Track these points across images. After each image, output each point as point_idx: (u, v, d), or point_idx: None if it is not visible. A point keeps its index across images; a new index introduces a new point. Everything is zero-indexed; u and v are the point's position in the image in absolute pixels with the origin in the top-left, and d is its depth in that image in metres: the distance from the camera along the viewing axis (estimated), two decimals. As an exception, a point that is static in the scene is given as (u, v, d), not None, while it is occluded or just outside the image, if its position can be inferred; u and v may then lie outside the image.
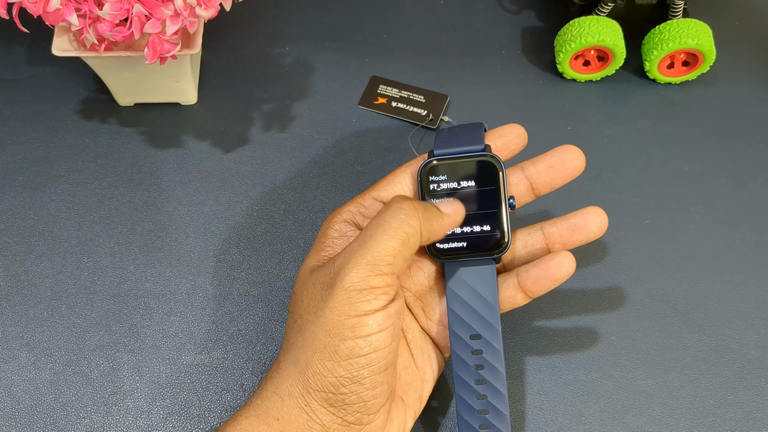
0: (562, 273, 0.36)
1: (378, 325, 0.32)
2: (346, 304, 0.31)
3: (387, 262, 0.32)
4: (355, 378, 0.32)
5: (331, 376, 0.32)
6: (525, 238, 0.38)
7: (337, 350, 0.31)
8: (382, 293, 0.32)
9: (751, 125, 0.50)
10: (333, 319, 0.31)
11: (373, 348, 0.32)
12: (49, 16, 0.40)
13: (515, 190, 0.38)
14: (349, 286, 0.31)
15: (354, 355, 0.31)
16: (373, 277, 0.32)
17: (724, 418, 0.40)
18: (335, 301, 0.32)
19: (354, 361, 0.31)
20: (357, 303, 0.31)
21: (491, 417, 0.36)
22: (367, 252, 0.32)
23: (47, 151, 0.49)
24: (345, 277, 0.32)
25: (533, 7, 0.56)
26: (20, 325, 0.42)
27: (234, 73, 0.52)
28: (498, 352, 0.36)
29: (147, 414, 0.40)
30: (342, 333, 0.31)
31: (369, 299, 0.31)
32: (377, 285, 0.32)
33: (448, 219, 0.35)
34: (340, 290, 0.32)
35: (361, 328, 0.31)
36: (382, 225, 0.33)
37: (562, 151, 0.37)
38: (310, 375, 0.32)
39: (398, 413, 0.35)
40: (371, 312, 0.31)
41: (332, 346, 0.31)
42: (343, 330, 0.31)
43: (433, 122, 0.50)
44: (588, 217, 0.37)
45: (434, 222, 0.34)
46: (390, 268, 0.32)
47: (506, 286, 0.37)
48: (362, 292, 0.31)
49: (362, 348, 0.31)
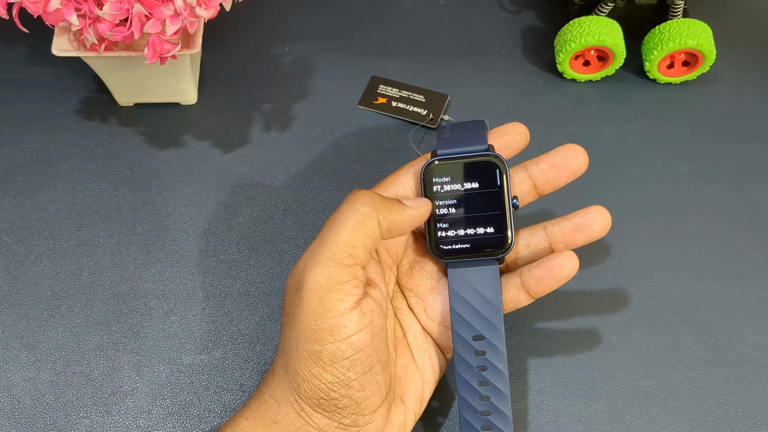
0: (566, 272, 0.36)
1: (356, 325, 0.31)
2: (318, 306, 0.31)
3: (348, 253, 0.31)
4: (343, 381, 0.31)
5: (319, 382, 0.31)
6: (528, 238, 0.38)
7: (321, 356, 0.31)
8: (351, 287, 0.31)
9: (751, 125, 0.50)
10: (310, 325, 0.31)
11: (355, 349, 0.31)
12: (49, 16, 0.40)
13: (518, 190, 0.38)
14: (316, 286, 0.31)
15: (337, 359, 0.31)
16: (337, 272, 0.31)
17: (724, 418, 0.40)
18: (306, 305, 0.31)
19: (339, 365, 0.31)
20: (328, 303, 0.31)
21: (494, 418, 0.36)
22: (326, 248, 0.32)
23: (47, 151, 0.49)
24: (309, 278, 0.31)
25: (533, 7, 0.56)
26: (20, 325, 0.42)
27: (234, 73, 0.52)
28: (501, 353, 0.36)
29: (147, 414, 0.40)
30: (322, 338, 0.31)
31: (340, 297, 0.31)
32: (343, 279, 0.31)
33: (410, 210, 0.34)
34: (308, 292, 0.31)
35: (340, 331, 0.31)
36: (338, 218, 0.32)
37: (565, 150, 0.37)
38: (300, 382, 0.32)
39: (398, 414, 0.35)
40: (346, 311, 0.31)
41: (315, 352, 0.31)
42: (322, 335, 0.31)
43: (434, 122, 0.50)
44: (591, 217, 0.37)
45: (394, 213, 0.34)
46: (352, 259, 0.32)
47: (509, 286, 0.37)
48: (330, 290, 0.31)
49: (344, 351, 0.31)
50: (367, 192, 0.34)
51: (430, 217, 0.37)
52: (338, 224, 0.32)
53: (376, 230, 0.33)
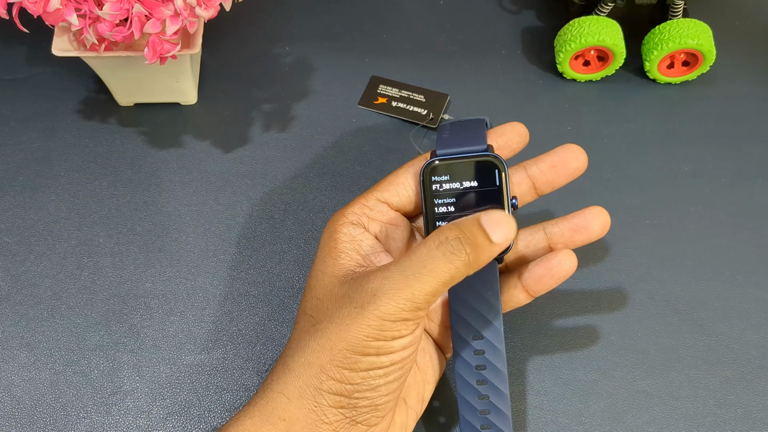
0: (564, 271, 0.36)
1: (402, 346, 0.32)
2: (377, 330, 0.31)
3: (426, 300, 0.31)
4: (371, 386, 0.32)
5: (347, 383, 0.32)
6: (527, 238, 0.38)
7: (357, 363, 0.31)
8: (413, 325, 0.32)
9: (751, 125, 0.50)
10: (359, 338, 0.31)
11: (393, 361, 0.32)
12: (49, 16, 0.40)
13: (517, 190, 0.38)
14: (384, 315, 0.31)
15: (374, 367, 0.32)
16: (409, 312, 0.31)
17: (724, 418, 0.40)
18: (365, 323, 0.31)
19: (373, 372, 0.32)
20: (387, 331, 0.31)
21: (493, 417, 0.36)
22: (407, 288, 0.31)
23: (47, 151, 0.49)
24: (381, 305, 0.31)
25: (533, 7, 0.56)
26: (20, 325, 0.42)
27: (234, 73, 0.52)
28: (500, 352, 0.36)
29: (147, 414, 0.40)
30: (365, 350, 0.31)
31: (399, 330, 0.31)
32: (411, 318, 0.32)
33: (497, 248, 0.33)
34: (373, 316, 0.31)
35: (386, 348, 0.32)
36: (428, 263, 0.31)
37: (564, 150, 0.37)
38: (325, 379, 0.32)
39: (400, 415, 0.35)
40: (398, 338, 0.32)
41: (352, 358, 0.31)
42: (367, 348, 0.31)
43: (434, 121, 0.50)
44: (590, 217, 0.37)
45: (482, 255, 0.32)
46: (427, 304, 0.32)
47: (508, 285, 0.37)
48: (395, 322, 0.31)
49: (383, 362, 0.32)
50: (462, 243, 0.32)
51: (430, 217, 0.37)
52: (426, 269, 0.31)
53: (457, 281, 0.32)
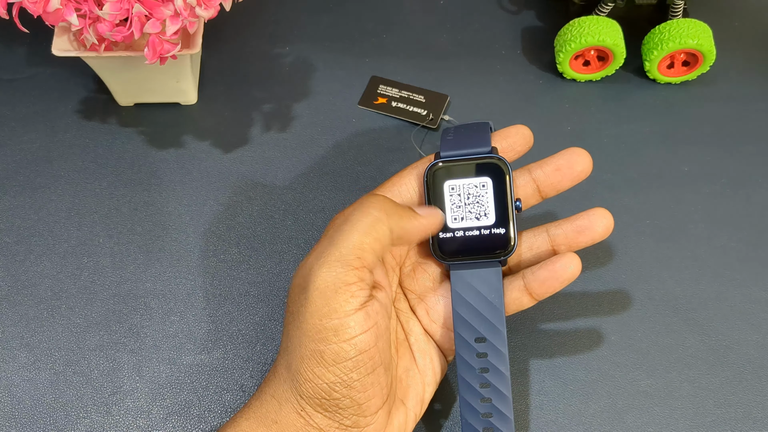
0: (568, 274, 0.36)
1: (360, 326, 0.31)
2: (324, 307, 0.31)
3: (356, 255, 0.31)
4: (345, 382, 0.31)
5: (321, 381, 0.31)
6: (530, 240, 0.38)
7: (323, 356, 0.31)
8: (357, 289, 0.31)
9: (751, 125, 0.50)
10: (314, 324, 0.31)
11: (359, 350, 0.31)
12: (49, 16, 0.40)
13: (522, 193, 0.38)
14: (323, 286, 0.31)
15: (340, 359, 0.31)
16: (345, 273, 0.31)
17: (724, 418, 0.40)
18: (312, 304, 0.31)
19: (342, 365, 0.31)
20: (334, 304, 0.31)
21: (495, 420, 0.36)
22: (335, 249, 0.31)
23: (47, 151, 0.49)
24: (317, 277, 0.31)
25: (533, 7, 0.56)
26: (20, 325, 0.42)
27: (234, 73, 0.52)
28: (503, 354, 0.35)
29: (147, 414, 0.40)
30: (326, 338, 0.31)
31: (345, 298, 0.31)
32: (350, 281, 0.31)
33: (422, 220, 0.35)
34: (314, 291, 0.31)
35: (344, 331, 0.31)
36: (349, 220, 0.32)
37: (569, 154, 0.37)
38: (302, 382, 0.32)
39: (399, 416, 0.35)
40: (351, 312, 0.31)
41: (318, 351, 0.31)
42: (326, 335, 0.31)
43: (434, 122, 0.50)
44: (594, 219, 0.37)
45: (406, 221, 0.34)
46: (360, 261, 0.32)
47: (512, 288, 0.37)
48: (337, 291, 0.31)
49: (348, 351, 0.31)
50: (380, 197, 0.34)
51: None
52: (349, 226, 0.32)
53: (386, 236, 0.33)
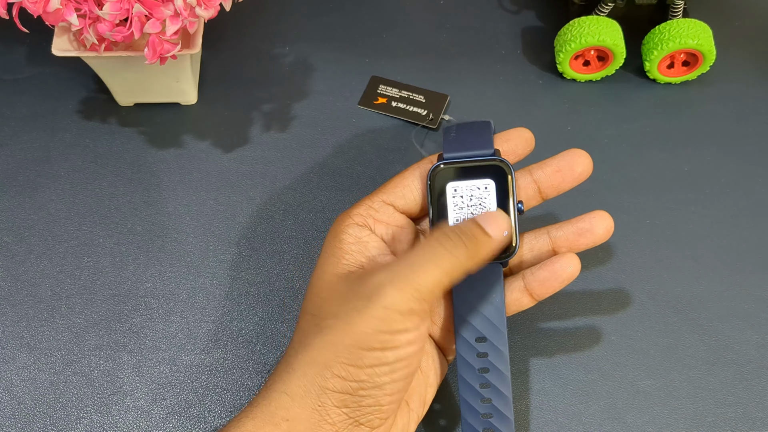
0: (568, 274, 0.36)
1: (408, 341, 0.32)
2: (383, 321, 0.31)
3: (430, 290, 0.32)
4: (377, 384, 0.32)
5: (352, 380, 0.32)
6: (531, 242, 0.38)
7: (363, 358, 0.31)
8: (419, 319, 0.32)
9: (751, 125, 0.50)
10: (364, 330, 0.31)
11: (398, 358, 0.32)
12: (49, 16, 0.40)
13: (523, 194, 0.38)
14: (390, 306, 0.31)
15: (379, 363, 0.32)
16: (415, 303, 0.32)
17: (724, 418, 0.40)
18: (371, 315, 0.31)
19: (378, 369, 0.32)
20: (393, 323, 0.31)
21: (495, 421, 0.36)
22: (413, 278, 0.32)
23: (47, 151, 0.49)
24: (387, 296, 0.32)
25: (533, 7, 0.56)
26: (20, 325, 0.42)
27: (234, 73, 0.52)
28: (504, 355, 0.36)
29: (147, 414, 0.40)
30: (371, 344, 0.31)
31: (406, 325, 0.32)
32: (417, 310, 0.32)
33: (494, 241, 0.34)
34: (379, 307, 0.31)
35: (392, 342, 0.32)
36: (430, 254, 0.32)
37: (570, 155, 0.37)
38: (330, 377, 0.32)
39: (402, 417, 0.35)
40: (404, 332, 0.32)
41: (358, 354, 0.32)
42: (372, 342, 0.31)
43: (434, 122, 0.50)
44: (595, 222, 0.37)
45: (481, 248, 0.34)
46: (431, 295, 0.32)
47: (512, 289, 0.37)
48: (402, 314, 0.31)
49: (388, 358, 0.32)
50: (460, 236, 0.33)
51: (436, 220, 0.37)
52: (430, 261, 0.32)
53: (460, 277, 0.33)
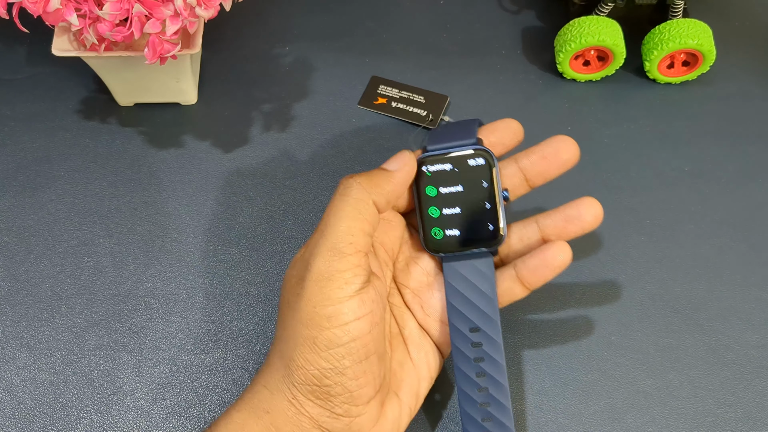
0: (559, 262, 0.36)
1: (353, 313, 0.32)
2: (318, 294, 0.32)
3: (347, 242, 0.32)
4: (337, 368, 0.32)
5: (313, 368, 0.32)
6: (521, 231, 0.38)
7: (316, 342, 0.31)
8: (351, 275, 0.32)
9: (751, 125, 0.50)
10: (308, 311, 0.32)
11: (352, 337, 0.31)
12: (49, 16, 0.40)
13: (509, 183, 0.38)
14: (317, 275, 0.32)
15: (333, 345, 0.31)
16: (337, 261, 0.32)
17: (724, 418, 0.40)
18: (308, 293, 0.32)
19: (334, 351, 0.31)
20: (328, 291, 0.31)
21: (493, 409, 0.36)
22: (326, 239, 0.32)
23: (47, 151, 0.49)
24: (312, 267, 0.32)
25: (533, 7, 0.56)
26: (20, 325, 0.42)
27: (234, 73, 0.52)
28: (497, 344, 0.36)
29: (147, 414, 0.40)
30: (319, 324, 0.31)
31: (339, 285, 0.31)
32: (343, 267, 0.32)
33: (397, 174, 0.35)
34: (310, 281, 0.32)
35: (338, 317, 0.31)
36: (333, 209, 0.33)
37: (555, 142, 0.37)
38: (294, 369, 0.32)
39: (392, 409, 0.35)
40: (345, 299, 0.31)
41: (311, 338, 0.32)
42: (319, 321, 0.31)
43: (433, 122, 0.50)
44: (582, 208, 0.37)
45: (384, 184, 0.34)
46: (352, 247, 0.32)
47: (504, 278, 0.37)
48: (331, 279, 0.31)
49: (340, 337, 0.31)
50: (353, 177, 0.34)
51: (423, 212, 0.37)
52: (334, 215, 0.33)
53: (373, 212, 0.33)
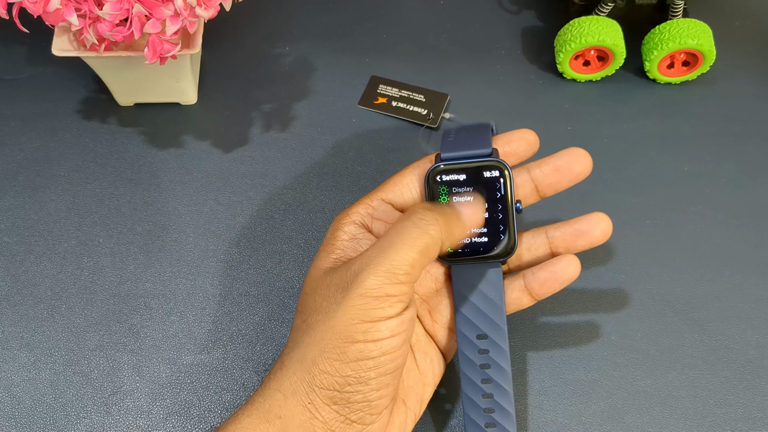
0: (568, 275, 0.36)
1: (390, 331, 0.32)
2: (361, 310, 0.31)
3: (405, 271, 0.32)
4: (362, 379, 0.32)
5: (338, 375, 0.32)
6: (529, 242, 0.38)
7: (347, 352, 0.31)
8: (397, 301, 0.32)
9: (751, 125, 0.50)
10: (345, 322, 0.31)
11: (383, 352, 0.32)
12: (49, 16, 0.40)
13: (520, 192, 0.38)
14: (366, 292, 0.31)
15: (363, 357, 0.31)
16: (390, 285, 0.31)
17: (724, 418, 0.40)
18: (349, 305, 0.32)
19: (362, 363, 0.31)
20: (371, 309, 0.31)
21: (497, 415, 0.36)
22: (385, 260, 0.32)
23: (47, 151, 0.49)
24: (362, 282, 0.32)
25: (533, 7, 0.56)
26: (20, 325, 0.42)
27: (234, 73, 0.52)
28: (504, 351, 0.36)
29: (147, 414, 0.40)
30: (353, 336, 0.31)
31: (384, 306, 0.31)
32: (394, 293, 0.32)
33: (467, 222, 0.35)
34: (356, 295, 0.31)
35: (373, 333, 0.31)
36: (402, 234, 0.32)
37: (569, 154, 0.37)
38: (317, 373, 0.32)
39: (399, 415, 0.35)
40: (385, 318, 0.31)
41: (341, 347, 0.31)
42: (354, 334, 0.31)
43: (434, 121, 0.50)
44: (592, 224, 0.37)
45: (454, 229, 0.34)
46: (408, 277, 0.32)
47: (512, 288, 0.37)
48: (378, 299, 0.31)
49: (372, 351, 0.31)
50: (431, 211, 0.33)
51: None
52: (401, 239, 0.32)
53: (437, 251, 0.33)
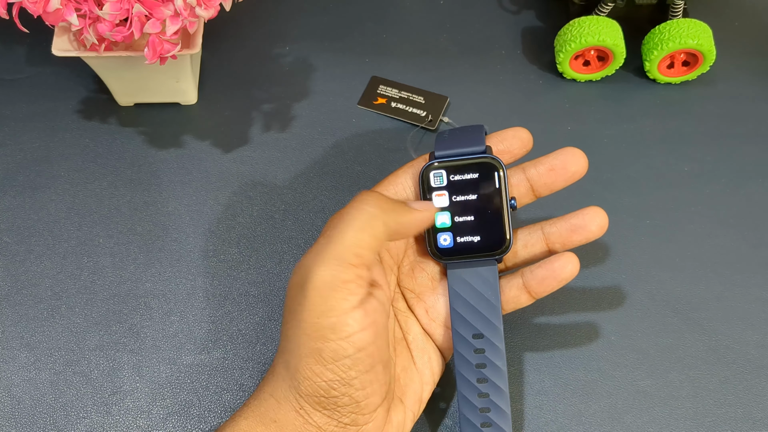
0: (567, 274, 0.36)
1: (358, 324, 0.31)
2: (321, 305, 0.31)
3: (354, 253, 0.31)
4: (344, 380, 0.31)
5: (320, 380, 0.31)
6: (525, 238, 0.38)
7: (322, 353, 0.31)
8: (355, 287, 0.31)
9: (751, 125, 0.50)
10: (312, 322, 0.31)
11: (357, 348, 0.31)
12: (49, 16, 0.40)
13: (515, 191, 0.38)
14: (320, 284, 0.31)
15: (339, 357, 0.31)
16: (342, 271, 0.31)
17: (724, 418, 0.40)
18: (309, 302, 0.31)
19: (340, 363, 0.31)
20: (332, 302, 0.31)
21: (493, 415, 0.36)
22: (332, 247, 0.31)
23: (47, 151, 0.49)
24: (314, 276, 0.31)
25: (533, 7, 0.56)
26: (20, 325, 0.42)
27: (234, 73, 0.52)
28: (500, 350, 0.36)
29: (147, 414, 0.40)
30: (324, 335, 0.31)
31: (343, 296, 0.31)
32: (348, 279, 0.31)
33: (417, 214, 0.34)
34: (312, 290, 0.31)
35: (342, 329, 0.31)
36: (345, 218, 0.32)
37: (564, 154, 0.37)
38: (300, 380, 0.32)
39: (397, 414, 0.35)
40: (349, 310, 0.31)
41: (316, 349, 0.31)
42: (324, 332, 0.31)
43: (432, 123, 0.50)
44: (588, 218, 0.37)
45: (401, 215, 0.34)
46: (358, 259, 0.31)
47: (510, 286, 0.37)
48: (334, 289, 0.31)
49: (346, 349, 0.31)
50: (374, 193, 0.34)
51: None
52: (344, 224, 0.32)
53: (382, 232, 0.33)
